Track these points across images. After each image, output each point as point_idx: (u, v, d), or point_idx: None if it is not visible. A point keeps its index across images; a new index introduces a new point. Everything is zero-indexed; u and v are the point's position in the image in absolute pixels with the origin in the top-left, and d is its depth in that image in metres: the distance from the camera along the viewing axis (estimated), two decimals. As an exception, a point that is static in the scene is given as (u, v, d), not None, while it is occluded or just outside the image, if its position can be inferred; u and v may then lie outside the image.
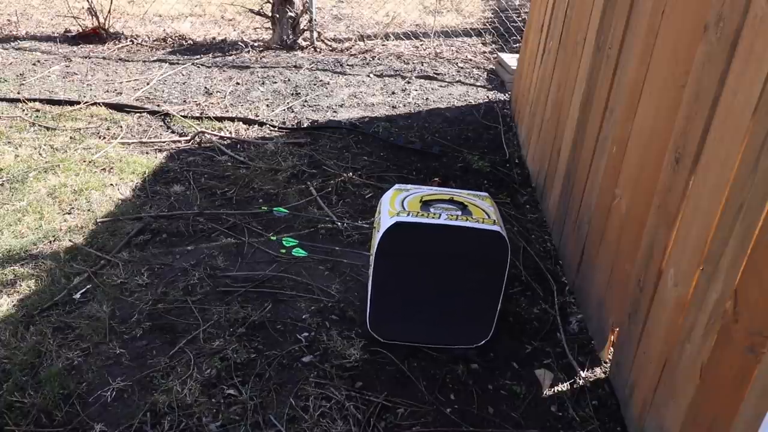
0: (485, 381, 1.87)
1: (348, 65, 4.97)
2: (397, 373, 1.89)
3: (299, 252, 1.97)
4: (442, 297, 1.90)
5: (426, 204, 1.92)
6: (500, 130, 3.73)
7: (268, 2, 5.31)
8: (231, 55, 5.13)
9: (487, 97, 4.36)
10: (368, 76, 4.74)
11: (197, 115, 3.83)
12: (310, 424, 1.69)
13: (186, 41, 5.47)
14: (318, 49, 5.32)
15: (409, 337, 1.97)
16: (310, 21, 5.35)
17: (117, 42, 5.40)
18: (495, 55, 5.14)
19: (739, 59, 1.23)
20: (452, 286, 1.88)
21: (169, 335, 2.01)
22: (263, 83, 4.46)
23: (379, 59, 5.12)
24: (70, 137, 3.46)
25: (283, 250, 2.05)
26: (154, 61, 4.99)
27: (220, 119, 3.77)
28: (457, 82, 4.66)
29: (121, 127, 3.65)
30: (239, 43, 5.36)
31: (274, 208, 2.01)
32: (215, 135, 3.52)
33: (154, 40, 5.46)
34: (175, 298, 2.18)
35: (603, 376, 1.90)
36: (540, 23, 3.36)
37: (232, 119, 3.76)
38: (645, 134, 1.70)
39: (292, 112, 3.96)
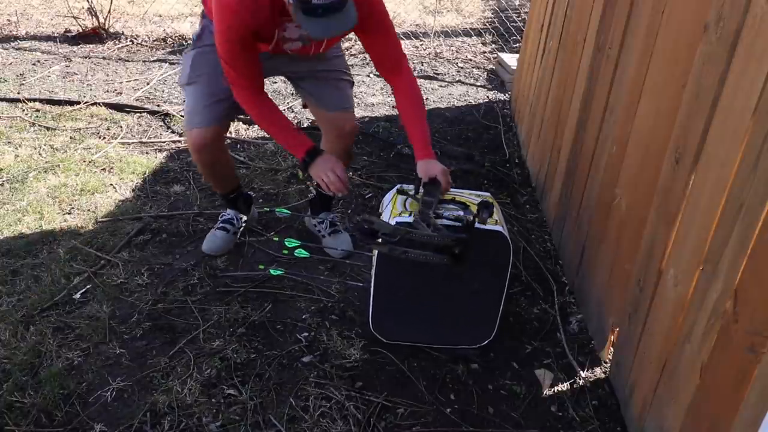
0: (485, 381, 1.87)
1: (348, 65, 4.96)
2: (397, 373, 1.89)
3: (301, 253, 1.97)
4: (444, 297, 1.90)
5: None
6: (500, 130, 3.73)
7: (268, 2, 5.31)
8: (231, 55, 5.12)
9: (487, 97, 4.36)
10: (368, 76, 4.73)
11: (197, 115, 3.82)
12: (310, 424, 1.69)
13: (186, 41, 5.46)
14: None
15: (411, 338, 1.97)
16: (310, 21, 5.34)
17: (117, 42, 5.39)
18: (495, 55, 5.14)
19: (739, 59, 1.23)
20: (454, 287, 1.88)
21: (169, 335, 2.01)
22: (263, 83, 4.46)
23: (379, 59, 5.11)
24: (70, 137, 3.46)
25: (285, 251, 2.05)
26: (154, 61, 4.99)
27: (220, 119, 3.77)
28: (457, 82, 4.66)
29: (121, 127, 3.65)
30: (239, 43, 5.35)
31: (277, 209, 2.01)
32: (215, 135, 3.51)
33: (154, 40, 5.46)
34: (175, 298, 2.18)
35: (603, 376, 1.90)
36: (540, 23, 3.36)
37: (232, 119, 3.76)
38: (645, 134, 1.71)
39: (292, 112, 3.96)
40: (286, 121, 2.06)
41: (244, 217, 2.51)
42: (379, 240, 1.75)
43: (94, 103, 3.94)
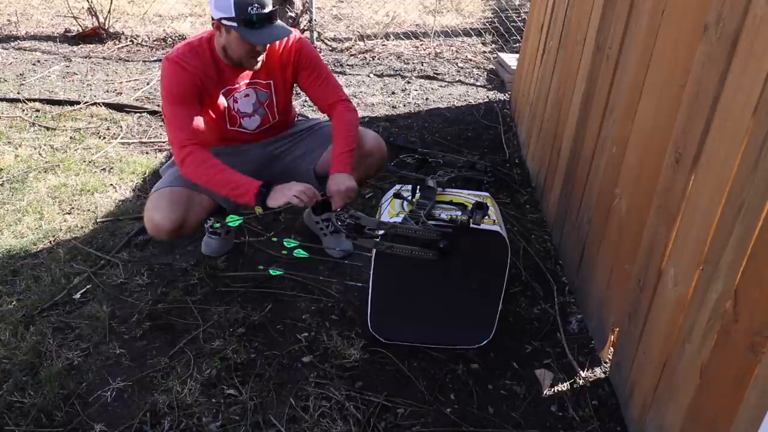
0: (485, 381, 1.87)
1: (348, 65, 4.97)
2: (397, 373, 1.89)
3: (300, 253, 1.98)
4: (442, 297, 1.90)
5: None
6: (500, 130, 3.73)
7: (268, 2, 5.31)
8: (231, 55, 5.12)
9: (487, 97, 4.36)
10: (368, 76, 4.74)
11: (197, 115, 3.82)
12: (310, 424, 1.69)
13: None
14: (318, 49, 5.32)
15: (410, 338, 1.96)
16: (310, 21, 5.35)
17: (117, 42, 5.40)
18: (495, 55, 5.14)
19: (739, 59, 1.23)
20: (452, 287, 1.88)
21: (169, 335, 2.01)
22: (263, 83, 4.46)
23: (379, 59, 5.12)
24: (70, 137, 3.47)
25: (284, 251, 2.05)
26: (154, 61, 4.99)
27: (220, 119, 3.76)
28: (457, 82, 4.66)
29: (121, 127, 3.65)
30: (239, 43, 5.35)
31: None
32: (215, 135, 3.51)
33: (154, 40, 5.46)
34: (175, 298, 2.18)
35: (603, 376, 1.90)
36: (540, 23, 3.36)
37: (232, 119, 3.76)
38: (645, 134, 1.71)
39: (292, 112, 3.96)
40: (224, 165, 1.96)
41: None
42: (365, 235, 1.77)
43: (94, 103, 3.94)
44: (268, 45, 2.00)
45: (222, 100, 2.07)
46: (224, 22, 1.89)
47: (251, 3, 1.86)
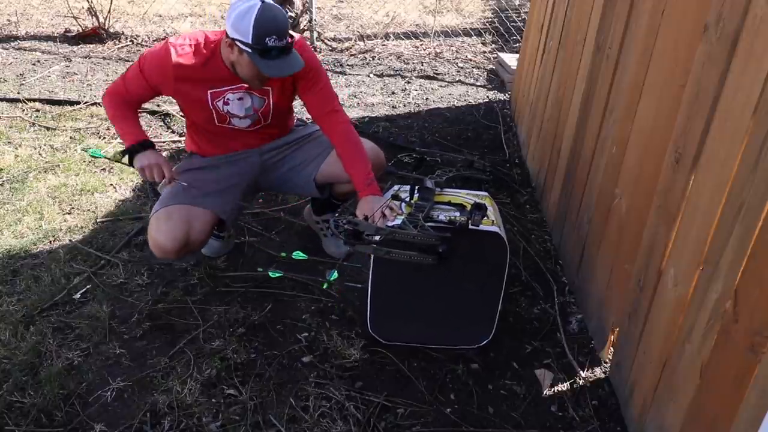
0: (485, 381, 1.87)
1: (348, 65, 4.97)
2: (397, 373, 1.89)
3: (299, 255, 1.98)
4: (441, 298, 1.90)
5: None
6: (500, 130, 3.73)
7: (268, 2, 5.31)
8: (231, 55, 5.11)
9: (487, 97, 4.36)
10: (368, 76, 4.74)
11: (197, 115, 3.82)
12: (310, 424, 1.69)
13: (186, 41, 5.46)
14: (318, 49, 5.32)
15: (409, 338, 1.96)
16: (310, 21, 5.35)
17: (117, 42, 5.40)
18: (495, 55, 5.14)
19: (739, 59, 1.23)
20: (451, 287, 1.87)
21: (169, 335, 2.01)
22: (263, 83, 4.45)
23: (379, 59, 5.12)
24: (70, 137, 3.46)
25: (284, 254, 2.05)
26: (154, 61, 4.98)
27: (220, 119, 3.76)
28: (457, 82, 4.66)
29: (121, 127, 3.64)
30: (239, 43, 5.34)
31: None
32: (215, 135, 3.51)
33: (154, 40, 5.46)
34: (175, 298, 2.18)
35: (603, 376, 1.90)
36: (540, 23, 3.36)
37: (232, 119, 3.76)
38: (645, 134, 1.71)
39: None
40: (134, 117, 2.08)
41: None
42: (364, 241, 1.76)
43: (94, 103, 3.94)
44: None
45: (208, 100, 2.01)
46: (238, 44, 1.82)
47: (270, 34, 1.79)
